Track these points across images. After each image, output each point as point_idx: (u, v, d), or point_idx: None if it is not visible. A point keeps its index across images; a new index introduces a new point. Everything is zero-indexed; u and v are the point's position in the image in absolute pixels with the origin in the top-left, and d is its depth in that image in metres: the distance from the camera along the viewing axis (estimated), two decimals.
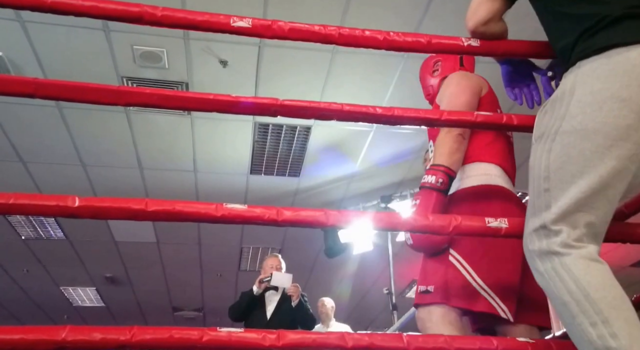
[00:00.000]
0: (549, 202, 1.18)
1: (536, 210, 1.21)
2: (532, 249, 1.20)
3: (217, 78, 4.12)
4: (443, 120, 1.49)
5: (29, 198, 1.28)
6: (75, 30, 3.62)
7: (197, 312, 9.42)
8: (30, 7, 1.38)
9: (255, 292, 4.09)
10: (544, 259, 1.16)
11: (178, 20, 1.46)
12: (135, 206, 1.30)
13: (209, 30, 1.49)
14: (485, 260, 1.56)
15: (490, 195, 1.65)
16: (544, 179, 1.20)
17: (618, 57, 1.15)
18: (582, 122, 1.15)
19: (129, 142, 4.85)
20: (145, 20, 1.44)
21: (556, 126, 1.20)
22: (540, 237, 1.18)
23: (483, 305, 1.52)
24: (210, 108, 1.48)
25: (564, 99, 1.21)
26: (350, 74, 4.16)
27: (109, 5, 1.42)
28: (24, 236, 6.47)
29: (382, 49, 1.54)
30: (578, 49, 1.23)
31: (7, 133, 4.64)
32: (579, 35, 1.23)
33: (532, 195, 1.25)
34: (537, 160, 1.24)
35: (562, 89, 1.24)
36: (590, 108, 1.15)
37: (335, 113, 1.49)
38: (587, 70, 1.19)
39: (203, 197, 5.78)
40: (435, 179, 1.59)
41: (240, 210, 1.36)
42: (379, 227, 1.37)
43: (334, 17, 3.60)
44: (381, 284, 6.64)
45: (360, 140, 4.95)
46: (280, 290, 4.14)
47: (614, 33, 1.17)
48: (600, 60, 1.17)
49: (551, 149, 1.20)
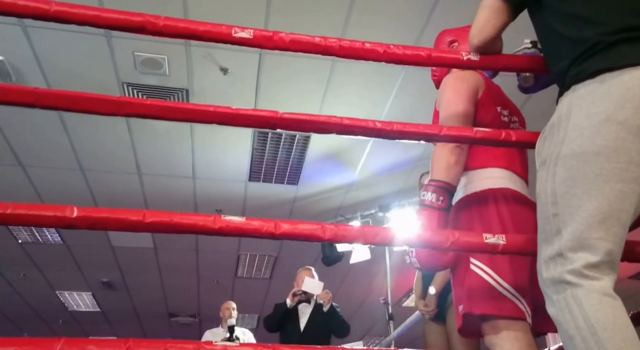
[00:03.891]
0: (559, 228, 1.16)
1: (547, 235, 1.20)
2: (546, 276, 1.17)
3: (218, 85, 4.13)
4: (442, 136, 1.50)
5: (27, 208, 1.28)
6: (77, 36, 3.63)
7: (193, 318, 9.39)
8: (33, 15, 1.39)
9: (289, 305, 4.19)
10: (557, 287, 1.14)
11: (180, 30, 1.47)
12: (133, 217, 1.30)
13: (210, 40, 1.49)
14: (507, 264, 1.53)
15: (497, 199, 1.62)
16: (551, 204, 1.19)
17: (612, 80, 1.16)
18: (581, 145, 1.16)
19: (128, 148, 4.85)
20: (147, 30, 1.44)
21: (557, 151, 1.21)
22: (555, 264, 1.15)
23: (511, 309, 1.48)
24: (210, 120, 1.48)
25: (561, 124, 1.22)
26: (350, 82, 4.17)
27: (112, 14, 1.42)
28: (21, 240, 6.46)
29: (382, 62, 1.55)
30: (572, 72, 1.24)
31: (7, 137, 4.64)
32: (573, 59, 1.24)
33: (541, 221, 1.24)
34: (542, 185, 1.24)
35: (558, 113, 1.25)
36: (588, 131, 1.15)
37: (335, 126, 1.50)
38: (582, 94, 1.20)
39: (201, 204, 5.78)
40: (436, 197, 1.55)
41: (238, 222, 1.35)
42: (376, 242, 1.37)
43: (336, 25, 3.60)
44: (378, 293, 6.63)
45: (359, 149, 4.96)
46: (312, 303, 4.19)
47: (607, 57, 1.18)
48: (595, 84, 1.18)
49: (555, 173, 1.20)
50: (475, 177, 1.69)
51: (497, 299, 1.49)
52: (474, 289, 1.53)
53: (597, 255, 1.11)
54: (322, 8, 3.50)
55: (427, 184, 1.62)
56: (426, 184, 1.63)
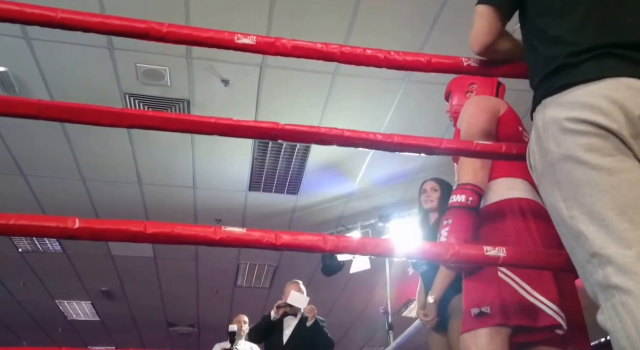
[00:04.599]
0: (580, 229, 1.15)
1: (573, 241, 1.18)
2: (592, 282, 1.14)
3: (219, 96, 4.15)
4: (442, 149, 1.51)
5: (30, 219, 1.29)
6: (80, 48, 3.65)
7: (192, 328, 9.36)
8: (40, 22, 1.41)
9: (273, 317, 4.19)
10: (606, 294, 1.10)
11: (183, 36, 1.48)
12: (134, 228, 1.31)
13: (213, 46, 1.50)
14: (535, 272, 1.53)
15: (515, 209, 1.64)
16: (566, 209, 1.19)
17: (578, 91, 1.20)
18: (567, 148, 1.18)
19: (129, 157, 4.87)
20: (150, 36, 1.46)
21: (549, 159, 1.23)
22: (593, 266, 1.12)
23: (546, 319, 1.48)
24: (212, 131, 1.49)
25: (541, 136, 1.26)
26: (350, 96, 4.19)
27: (116, 21, 1.44)
28: (21, 249, 6.46)
29: (383, 68, 1.56)
30: (542, 87, 1.29)
31: (9, 147, 4.65)
32: (544, 75, 1.29)
33: (560, 229, 1.23)
34: (550, 194, 1.25)
35: (536, 128, 1.29)
36: (569, 135, 1.18)
37: (336, 138, 1.51)
38: (552, 105, 1.25)
39: (201, 213, 5.79)
40: (465, 198, 1.59)
41: (239, 233, 1.36)
42: (377, 253, 1.38)
43: (338, 32, 3.61)
44: (378, 303, 6.62)
45: (359, 159, 4.97)
46: (298, 316, 4.19)
47: (573, 74, 1.22)
48: (563, 96, 1.23)
49: (558, 180, 1.21)
50: (496, 188, 1.73)
51: (531, 311, 1.49)
52: (505, 298, 1.52)
53: (631, 247, 1.07)
54: (325, 15, 3.52)
55: (455, 189, 1.64)
56: (454, 189, 1.65)
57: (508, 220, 1.62)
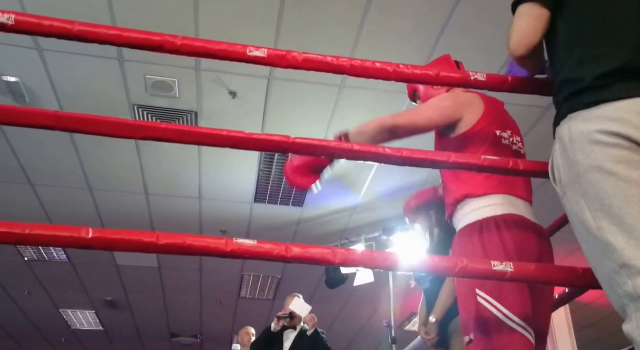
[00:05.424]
0: (608, 240, 1.15)
1: (599, 252, 1.18)
2: (621, 293, 1.14)
3: (226, 108, 4.18)
4: (450, 163, 1.53)
5: (44, 228, 1.30)
6: (90, 59, 3.70)
7: (195, 339, 9.33)
8: (57, 35, 1.43)
9: (273, 328, 4.21)
10: (636, 303, 1.10)
11: (196, 49, 1.51)
12: (146, 239, 1.33)
13: (225, 58, 1.52)
14: (513, 294, 1.54)
15: (499, 226, 1.63)
16: (593, 220, 1.19)
17: (608, 106, 1.21)
18: (595, 159, 1.19)
19: (136, 168, 4.90)
20: (165, 49, 1.48)
21: (575, 171, 1.23)
22: (622, 276, 1.13)
23: (521, 342, 1.50)
24: (223, 144, 1.50)
25: (567, 148, 1.26)
26: (356, 110, 4.22)
27: (132, 34, 1.46)
28: (27, 257, 6.48)
29: (392, 80, 1.58)
30: (568, 103, 1.29)
31: (18, 156, 4.69)
32: (570, 93, 1.29)
33: (585, 240, 1.23)
34: (574, 207, 1.24)
35: (561, 140, 1.29)
36: (597, 146, 1.19)
37: (346, 152, 1.53)
38: (579, 118, 1.25)
39: (206, 224, 5.80)
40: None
41: (250, 245, 1.37)
42: (385, 266, 1.39)
43: (345, 46, 3.65)
44: (381, 315, 6.60)
45: (364, 172, 4.99)
46: (297, 328, 4.19)
47: (604, 93, 1.23)
48: (591, 111, 1.23)
49: (584, 191, 1.21)
50: (476, 205, 1.70)
51: (509, 333, 1.50)
52: (483, 322, 1.54)
53: None
54: (331, 29, 3.56)
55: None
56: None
57: (492, 239, 1.60)
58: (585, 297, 2.03)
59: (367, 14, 3.45)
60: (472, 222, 1.68)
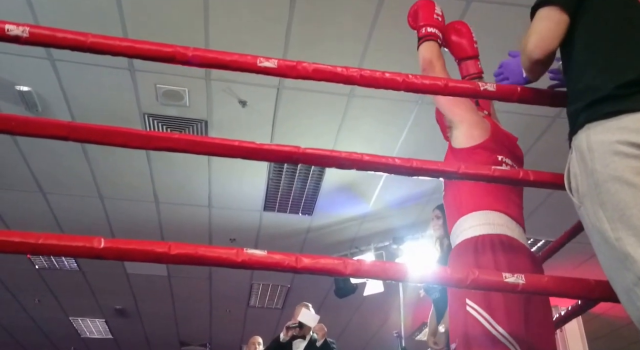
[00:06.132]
0: (627, 252, 1.13)
1: (618, 264, 1.16)
2: None
3: (236, 117, 4.21)
4: (460, 174, 1.52)
5: (57, 238, 1.31)
6: (102, 69, 3.74)
7: (204, 348, 9.33)
8: (71, 47, 1.44)
9: (282, 339, 4.19)
10: None
11: (208, 60, 1.51)
12: (159, 249, 1.33)
13: (237, 69, 1.52)
14: (502, 308, 1.54)
15: (494, 245, 1.63)
16: (611, 230, 1.17)
17: (628, 117, 1.20)
18: (615, 169, 1.18)
19: (147, 176, 4.93)
20: (177, 60, 1.48)
21: (594, 180, 1.22)
22: None
23: None
24: (234, 154, 1.50)
25: (586, 157, 1.24)
26: (365, 118, 4.23)
27: (144, 45, 1.47)
28: (38, 266, 6.52)
29: (401, 90, 1.58)
30: (586, 112, 1.28)
31: (30, 165, 4.74)
32: (588, 103, 1.28)
33: (602, 251, 1.22)
34: (592, 218, 1.23)
35: (579, 149, 1.27)
36: (618, 157, 1.18)
37: (355, 162, 1.53)
38: (599, 128, 1.23)
39: (216, 232, 5.82)
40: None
41: (260, 256, 1.37)
42: (396, 278, 1.39)
43: (353, 58, 3.67)
44: (391, 325, 6.56)
45: (374, 181, 4.98)
46: (307, 338, 4.18)
47: (624, 103, 1.22)
48: (611, 122, 1.22)
49: (603, 201, 1.20)
50: (474, 222, 1.70)
51: (493, 345, 1.50)
52: (469, 331, 1.54)
53: None
54: (339, 41, 3.58)
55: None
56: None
57: (486, 257, 1.60)
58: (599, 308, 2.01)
59: (374, 27, 3.47)
60: (468, 238, 1.69)
